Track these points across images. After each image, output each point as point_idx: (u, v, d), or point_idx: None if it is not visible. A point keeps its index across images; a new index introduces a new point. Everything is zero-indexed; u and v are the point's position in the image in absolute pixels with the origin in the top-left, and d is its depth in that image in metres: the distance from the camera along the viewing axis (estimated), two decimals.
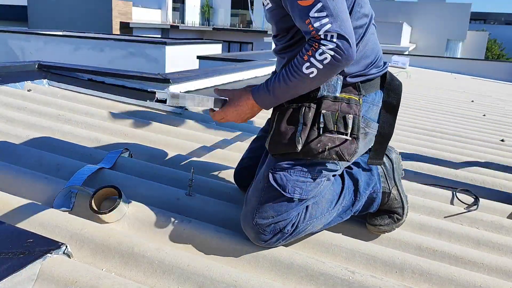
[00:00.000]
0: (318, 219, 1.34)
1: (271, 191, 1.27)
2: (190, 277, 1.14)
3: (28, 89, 2.89)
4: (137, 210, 1.43)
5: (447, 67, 11.04)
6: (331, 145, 1.24)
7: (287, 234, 1.29)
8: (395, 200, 1.46)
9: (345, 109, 1.25)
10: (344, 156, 1.25)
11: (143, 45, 8.64)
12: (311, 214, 1.32)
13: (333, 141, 1.24)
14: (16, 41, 9.17)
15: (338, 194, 1.38)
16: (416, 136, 3.09)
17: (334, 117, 1.23)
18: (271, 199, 1.27)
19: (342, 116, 1.24)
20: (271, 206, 1.27)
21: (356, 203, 1.41)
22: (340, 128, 1.23)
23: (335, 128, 1.23)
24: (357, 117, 1.25)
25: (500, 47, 32.42)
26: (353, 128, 1.24)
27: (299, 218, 1.30)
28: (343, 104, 1.25)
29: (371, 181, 1.44)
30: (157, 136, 2.25)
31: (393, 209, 1.47)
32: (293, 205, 1.27)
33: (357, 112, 1.25)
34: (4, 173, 1.58)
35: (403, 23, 18.58)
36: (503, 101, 5.99)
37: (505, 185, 2.18)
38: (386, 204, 1.47)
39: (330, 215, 1.37)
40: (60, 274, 1.06)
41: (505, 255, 1.50)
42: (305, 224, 1.31)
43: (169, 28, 21.99)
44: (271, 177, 1.28)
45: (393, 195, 1.46)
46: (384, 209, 1.48)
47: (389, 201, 1.46)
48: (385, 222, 1.45)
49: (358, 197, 1.41)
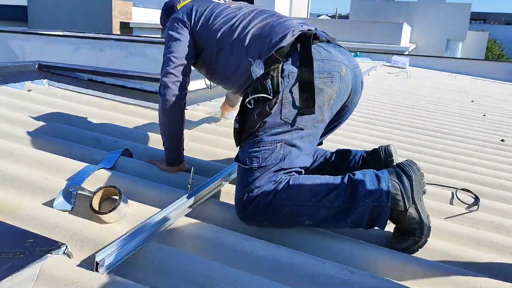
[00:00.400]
0: (298, 205, 1.37)
1: (238, 169, 1.48)
2: (190, 277, 1.14)
3: (28, 89, 2.89)
4: (137, 210, 1.43)
5: (447, 67, 11.04)
6: (257, 108, 1.40)
7: (262, 207, 1.37)
8: (413, 219, 1.38)
9: (264, 78, 1.40)
10: (267, 109, 1.38)
11: (143, 45, 8.63)
12: (289, 195, 1.38)
13: (258, 103, 1.40)
14: (16, 41, 9.16)
15: (328, 191, 1.38)
16: (416, 136, 3.09)
17: (257, 89, 1.40)
18: (238, 174, 1.47)
19: (262, 84, 1.40)
20: (240, 181, 1.44)
21: (352, 210, 1.36)
22: (262, 92, 1.39)
23: (260, 99, 1.40)
24: (275, 78, 1.39)
25: (500, 47, 32.43)
26: (272, 87, 1.38)
27: (276, 196, 1.37)
28: (263, 76, 1.42)
29: (376, 192, 1.37)
30: (157, 136, 2.25)
31: (411, 229, 1.39)
32: (256, 174, 1.40)
33: (275, 74, 1.39)
34: (4, 173, 1.58)
35: (403, 23, 18.58)
36: (503, 101, 5.99)
37: (505, 185, 2.18)
38: (403, 224, 1.40)
39: (315, 209, 1.36)
40: (60, 274, 1.06)
41: (505, 255, 1.50)
42: (281, 203, 1.37)
43: None
44: (235, 158, 1.47)
45: (410, 214, 1.38)
46: (402, 230, 1.42)
47: (406, 220, 1.39)
48: (403, 247, 1.40)
49: (355, 204, 1.35)
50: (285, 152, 1.40)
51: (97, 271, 1.09)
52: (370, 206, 1.36)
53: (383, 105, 4.29)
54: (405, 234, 1.41)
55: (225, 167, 1.88)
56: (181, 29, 1.66)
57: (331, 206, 1.36)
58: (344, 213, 1.36)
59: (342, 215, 1.37)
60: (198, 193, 1.50)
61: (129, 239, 1.19)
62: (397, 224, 1.43)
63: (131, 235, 1.20)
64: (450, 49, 23.11)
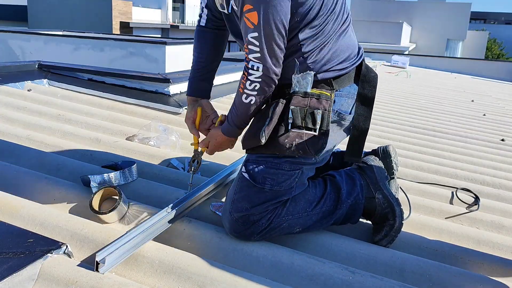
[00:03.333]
0: (295, 218, 1.34)
1: (244, 181, 1.33)
2: (190, 277, 1.14)
3: (28, 89, 2.89)
4: (137, 210, 1.43)
5: (447, 66, 11.04)
6: (298, 140, 1.26)
7: (262, 228, 1.30)
8: (383, 204, 1.42)
9: (314, 104, 1.26)
10: (310, 151, 1.27)
11: (143, 45, 8.62)
12: (288, 210, 1.33)
13: (300, 136, 1.26)
14: (16, 41, 9.16)
15: (319, 198, 1.38)
16: (416, 136, 3.09)
17: (303, 113, 1.26)
18: (244, 190, 1.32)
19: (310, 111, 1.26)
20: (244, 197, 1.31)
21: (336, 211, 1.39)
22: (308, 123, 1.26)
23: (303, 124, 1.26)
24: (327, 112, 1.26)
25: (500, 46, 32.42)
26: (322, 123, 1.26)
27: (275, 213, 1.31)
28: (312, 99, 1.26)
29: (353, 191, 1.42)
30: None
31: (384, 216, 1.43)
32: (266, 196, 1.30)
33: (327, 107, 1.26)
34: (4, 173, 1.58)
35: (403, 23, 18.58)
36: (503, 101, 5.99)
37: (505, 185, 2.18)
38: (376, 212, 1.43)
39: (309, 218, 1.36)
40: (60, 274, 1.06)
41: (505, 255, 1.50)
42: (280, 220, 1.32)
43: (169, 28, 21.99)
44: (243, 169, 1.34)
45: (378, 200, 1.42)
46: (378, 219, 1.45)
47: (376, 208, 1.43)
48: (382, 235, 1.42)
49: (339, 205, 1.39)
50: (299, 179, 1.33)
51: (97, 271, 1.09)
52: (349, 205, 1.41)
53: (383, 105, 4.29)
54: (381, 222, 1.44)
55: (224, 167, 1.88)
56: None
57: (320, 212, 1.38)
58: (329, 216, 1.39)
59: (327, 218, 1.39)
60: (198, 193, 1.49)
61: (128, 238, 1.18)
62: (371, 218, 1.47)
63: (130, 234, 1.20)
64: (450, 49, 23.13)
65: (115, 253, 1.13)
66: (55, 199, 1.47)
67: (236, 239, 1.32)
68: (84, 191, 1.49)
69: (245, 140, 1.34)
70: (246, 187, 1.32)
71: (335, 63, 1.30)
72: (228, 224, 1.32)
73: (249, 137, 1.32)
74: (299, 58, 1.27)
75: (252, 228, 1.30)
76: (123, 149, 2.03)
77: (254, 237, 1.31)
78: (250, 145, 1.33)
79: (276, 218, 1.31)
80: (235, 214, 1.31)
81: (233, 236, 1.32)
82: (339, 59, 1.30)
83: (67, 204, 1.45)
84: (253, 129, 1.31)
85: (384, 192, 1.43)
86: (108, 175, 1.57)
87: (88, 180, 1.52)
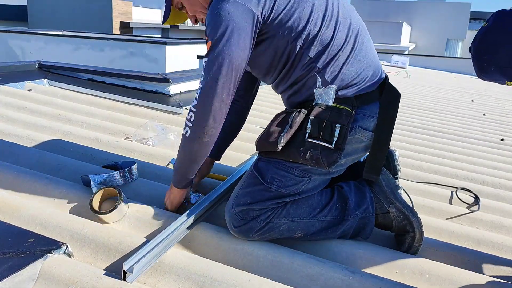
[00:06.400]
0: (296, 221, 1.33)
1: (251, 178, 1.34)
2: (190, 277, 1.14)
3: (29, 89, 2.89)
4: (137, 210, 1.43)
5: (447, 66, 11.04)
6: (313, 151, 1.27)
7: (260, 226, 1.30)
8: (398, 217, 1.39)
9: (334, 118, 1.26)
10: (323, 163, 1.27)
11: (143, 45, 8.63)
12: (288, 212, 1.33)
13: (315, 147, 1.26)
14: (16, 41, 9.17)
15: (323, 205, 1.37)
16: (416, 136, 3.09)
17: (322, 124, 1.26)
18: (250, 186, 1.33)
19: (329, 124, 1.26)
20: (249, 193, 1.33)
21: (343, 222, 1.37)
22: (326, 135, 1.26)
23: (320, 135, 1.26)
24: (345, 127, 1.26)
25: None
26: (339, 138, 1.25)
27: (275, 212, 1.32)
28: (333, 113, 1.27)
29: (362, 203, 1.39)
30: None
31: (403, 228, 1.40)
32: (270, 195, 1.31)
33: (346, 122, 1.26)
34: (4, 173, 1.58)
35: (403, 23, 18.59)
36: (503, 101, 5.99)
37: (505, 185, 2.18)
38: (394, 226, 1.41)
39: (311, 224, 1.35)
40: (61, 274, 1.06)
41: (505, 254, 1.50)
42: (280, 220, 1.32)
43: (169, 28, 21.98)
44: (253, 165, 1.36)
45: (393, 214, 1.39)
46: (398, 233, 1.43)
47: (394, 221, 1.40)
48: (406, 247, 1.40)
49: (346, 216, 1.37)
50: (306, 186, 1.33)
51: (124, 280, 1.09)
52: (358, 217, 1.38)
53: None
54: (402, 235, 1.42)
55: (233, 169, 1.88)
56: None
57: (324, 220, 1.37)
58: (335, 226, 1.37)
59: (332, 228, 1.37)
60: (213, 197, 1.48)
61: (152, 246, 1.19)
62: (390, 230, 1.44)
63: (154, 242, 1.20)
64: (450, 49, 23.11)
65: (141, 262, 1.14)
66: (55, 199, 1.47)
67: (235, 235, 1.32)
68: (84, 191, 1.49)
69: (261, 143, 1.35)
70: (253, 184, 1.33)
71: (354, 80, 1.30)
72: (228, 218, 1.34)
73: (265, 140, 1.33)
74: (319, 74, 1.28)
75: (251, 224, 1.30)
76: (123, 149, 2.03)
77: (252, 234, 1.31)
78: (265, 148, 1.34)
79: (275, 218, 1.32)
80: (236, 208, 1.32)
81: (232, 230, 1.33)
82: (358, 76, 1.31)
83: (67, 204, 1.45)
84: (270, 133, 1.32)
85: (397, 205, 1.39)
86: (108, 175, 1.57)
87: (88, 180, 1.52)
